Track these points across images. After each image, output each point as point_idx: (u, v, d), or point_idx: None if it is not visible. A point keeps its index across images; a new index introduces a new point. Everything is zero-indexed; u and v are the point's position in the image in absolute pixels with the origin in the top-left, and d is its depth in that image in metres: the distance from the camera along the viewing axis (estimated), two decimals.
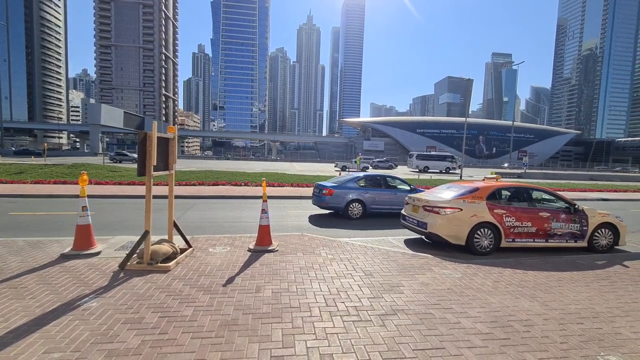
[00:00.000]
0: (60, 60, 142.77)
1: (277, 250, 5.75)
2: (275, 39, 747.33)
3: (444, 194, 6.95)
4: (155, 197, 8.02)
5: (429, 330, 3.21)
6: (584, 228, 6.73)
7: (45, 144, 39.75)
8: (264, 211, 5.88)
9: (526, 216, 6.46)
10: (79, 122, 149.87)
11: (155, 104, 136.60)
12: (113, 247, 5.59)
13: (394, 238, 7.37)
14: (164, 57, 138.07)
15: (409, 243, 6.98)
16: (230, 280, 4.33)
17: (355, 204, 9.72)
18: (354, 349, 2.84)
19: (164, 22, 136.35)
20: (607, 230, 6.85)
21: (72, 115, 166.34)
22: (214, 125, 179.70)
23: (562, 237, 6.65)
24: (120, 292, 3.85)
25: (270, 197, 12.80)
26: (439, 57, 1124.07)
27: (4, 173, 16.90)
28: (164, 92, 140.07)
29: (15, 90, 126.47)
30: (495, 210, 6.34)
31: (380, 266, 5.13)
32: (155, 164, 4.55)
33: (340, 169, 38.54)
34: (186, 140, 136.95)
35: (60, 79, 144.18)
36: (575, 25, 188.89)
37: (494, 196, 6.60)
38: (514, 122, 58.22)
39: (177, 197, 11.82)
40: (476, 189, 6.64)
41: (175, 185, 14.41)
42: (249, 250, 5.70)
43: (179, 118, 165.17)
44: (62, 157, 51.18)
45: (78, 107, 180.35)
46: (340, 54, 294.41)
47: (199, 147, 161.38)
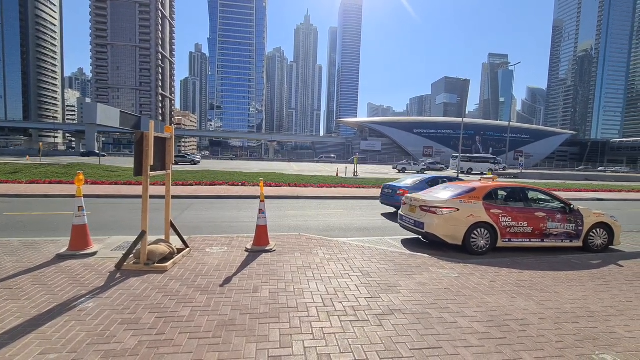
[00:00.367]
0: (55, 59, 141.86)
1: (275, 251, 5.75)
2: (272, 39, 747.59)
3: (441, 194, 6.98)
4: (152, 197, 7.98)
5: (426, 330, 3.22)
6: (580, 228, 6.79)
7: (41, 144, 39.46)
8: (261, 211, 5.88)
9: (522, 216, 6.50)
10: (74, 122, 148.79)
11: (151, 104, 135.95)
12: (109, 247, 5.57)
13: (391, 238, 7.39)
14: (160, 57, 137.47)
15: (406, 243, 7.00)
16: (227, 280, 4.32)
17: None
18: (351, 349, 2.84)
19: (160, 21, 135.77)
20: (602, 230, 6.90)
21: (67, 115, 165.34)
22: (211, 125, 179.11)
23: (558, 237, 6.70)
24: (117, 292, 3.83)
25: (268, 197, 12.79)
26: (436, 57, 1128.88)
27: None
28: (160, 91, 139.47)
29: (10, 90, 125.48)
30: (491, 211, 6.37)
31: (378, 266, 5.14)
32: (152, 163, 4.53)
33: (400, 171, 38.84)
34: (183, 140, 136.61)
35: (55, 78, 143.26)
36: (570, 26, 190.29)
37: (490, 196, 6.64)
38: (510, 123, 58.72)
39: (174, 197, 11.78)
40: (473, 189, 6.67)
41: (172, 185, 14.33)
42: (247, 250, 5.70)
43: (176, 118, 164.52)
44: (58, 156, 50.81)
45: (74, 106, 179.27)
46: (338, 54, 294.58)
47: (196, 147, 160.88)
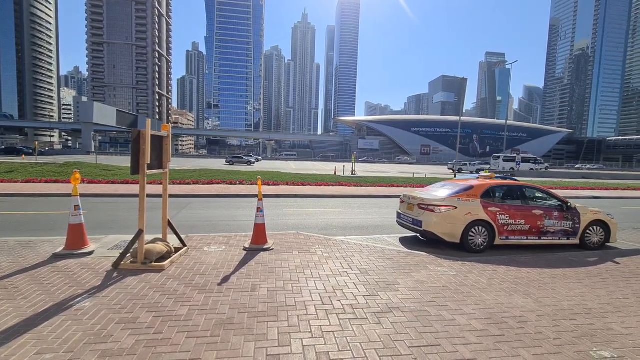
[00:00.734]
0: (51, 57, 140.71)
1: (273, 249, 5.74)
2: (270, 37, 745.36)
3: (439, 192, 6.98)
4: (149, 195, 7.94)
5: (424, 328, 3.22)
6: (576, 225, 6.82)
7: (37, 143, 39.18)
8: (259, 210, 5.86)
9: (520, 214, 6.52)
10: (70, 121, 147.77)
11: (148, 102, 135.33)
12: (106, 246, 5.53)
13: (389, 236, 7.39)
14: (157, 55, 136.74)
15: (404, 241, 7.01)
16: (225, 279, 4.31)
17: None
18: (350, 347, 2.84)
19: (157, 20, 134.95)
20: (598, 228, 6.94)
21: (64, 114, 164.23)
22: (209, 123, 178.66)
23: (555, 234, 6.73)
24: (114, 291, 3.80)
25: (266, 196, 12.76)
26: (434, 56, 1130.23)
27: None
28: (157, 90, 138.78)
29: (5, 88, 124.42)
30: (489, 208, 6.39)
31: (376, 264, 5.14)
32: (149, 162, 4.51)
33: (457, 171, 39.08)
34: (180, 139, 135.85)
35: (51, 77, 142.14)
36: (567, 25, 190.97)
37: (488, 194, 6.65)
38: (508, 121, 59.08)
39: (171, 195, 11.74)
40: (470, 187, 6.69)
41: (169, 184, 14.25)
42: (245, 249, 5.68)
43: (173, 116, 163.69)
44: (54, 155, 50.49)
45: (70, 105, 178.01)
46: (336, 52, 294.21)
47: (193, 146, 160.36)
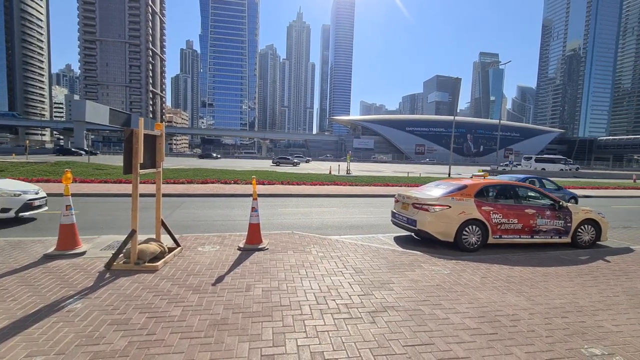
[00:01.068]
0: (42, 55, 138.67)
1: (268, 249, 5.72)
2: (265, 36, 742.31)
3: (433, 191, 7.02)
4: (142, 195, 7.86)
5: (418, 327, 3.24)
6: (568, 224, 6.90)
7: (27, 141, 38.60)
8: (254, 209, 5.84)
9: (512, 213, 6.58)
10: (62, 119, 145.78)
11: (142, 101, 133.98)
12: (99, 246, 5.47)
13: (383, 235, 7.42)
14: (151, 53, 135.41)
15: (399, 240, 7.04)
16: (219, 279, 4.28)
17: None
18: (344, 347, 2.84)
19: (150, 17, 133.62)
20: (589, 227, 7.03)
21: (55, 112, 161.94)
22: (203, 122, 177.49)
23: (547, 233, 6.81)
24: (106, 292, 3.76)
25: (261, 195, 12.72)
26: (428, 56, 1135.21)
27: None
28: (151, 88, 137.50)
29: None
30: (482, 208, 6.44)
31: (371, 263, 5.16)
32: (142, 161, 4.46)
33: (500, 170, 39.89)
34: (174, 138, 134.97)
35: (42, 75, 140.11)
36: (559, 26, 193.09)
37: (481, 193, 6.71)
38: (501, 121, 59.82)
39: (165, 195, 11.64)
40: (464, 187, 6.73)
41: (163, 183, 14.14)
42: (239, 248, 5.65)
43: (167, 115, 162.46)
44: (46, 154, 49.78)
45: (62, 103, 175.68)
46: (331, 51, 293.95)
47: (187, 145, 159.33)
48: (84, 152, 49.36)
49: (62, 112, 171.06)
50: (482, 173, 7.86)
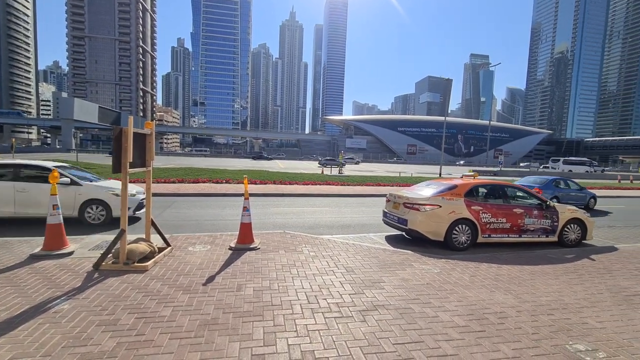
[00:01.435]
0: (29, 51, 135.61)
1: (259, 248, 5.70)
2: (257, 35, 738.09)
3: (424, 191, 7.09)
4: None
5: (408, 325, 3.27)
6: (555, 224, 7.05)
7: (14, 139, 37.72)
8: (245, 209, 5.81)
9: (501, 213, 6.69)
10: (50, 117, 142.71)
11: (132, 99, 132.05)
12: (87, 246, 5.38)
13: (375, 235, 7.46)
14: (141, 51, 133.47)
15: (390, 239, 7.09)
16: (210, 279, 4.26)
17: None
18: (335, 345, 2.86)
19: (141, 14, 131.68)
20: (576, 226, 7.20)
21: (42, 110, 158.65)
22: (194, 121, 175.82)
23: (535, 232, 6.94)
24: (95, 293, 3.71)
25: (253, 195, 12.67)
26: (420, 56, 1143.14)
27: None
28: (141, 86, 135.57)
29: None
30: (472, 207, 6.53)
31: (362, 262, 5.19)
32: (131, 160, 4.41)
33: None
34: (165, 137, 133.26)
35: (29, 71, 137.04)
36: (548, 29, 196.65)
37: (471, 193, 6.80)
38: (491, 122, 60.77)
39: (155, 194, 11.49)
40: (454, 187, 6.82)
41: (153, 182, 13.97)
42: (230, 248, 5.63)
43: (158, 114, 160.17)
44: (32, 153, 48.67)
45: (49, 101, 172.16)
46: (323, 51, 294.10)
47: (178, 144, 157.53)
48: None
49: (50, 110, 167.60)
50: (472, 173, 7.96)
